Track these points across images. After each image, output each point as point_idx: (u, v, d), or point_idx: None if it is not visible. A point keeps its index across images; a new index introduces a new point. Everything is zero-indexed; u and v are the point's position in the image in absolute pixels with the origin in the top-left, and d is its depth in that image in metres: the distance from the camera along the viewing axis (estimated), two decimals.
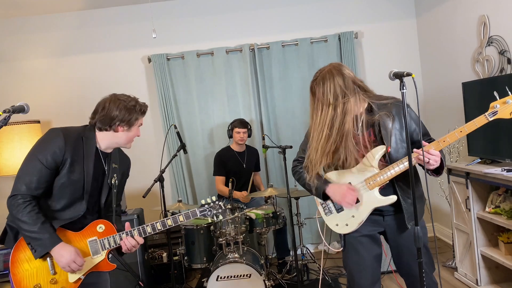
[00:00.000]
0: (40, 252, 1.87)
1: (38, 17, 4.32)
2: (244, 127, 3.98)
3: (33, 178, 1.88)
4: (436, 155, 1.89)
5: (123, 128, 2.08)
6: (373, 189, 2.00)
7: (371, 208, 2.03)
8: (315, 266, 3.80)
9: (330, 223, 2.17)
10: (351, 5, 4.48)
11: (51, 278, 1.93)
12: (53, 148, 1.91)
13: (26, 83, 4.34)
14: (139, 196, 3.31)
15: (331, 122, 1.92)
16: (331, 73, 1.93)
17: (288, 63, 4.39)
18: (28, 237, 1.87)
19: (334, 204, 2.13)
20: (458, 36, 3.76)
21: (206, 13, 4.42)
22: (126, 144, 2.15)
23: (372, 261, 2.10)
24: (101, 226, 2.02)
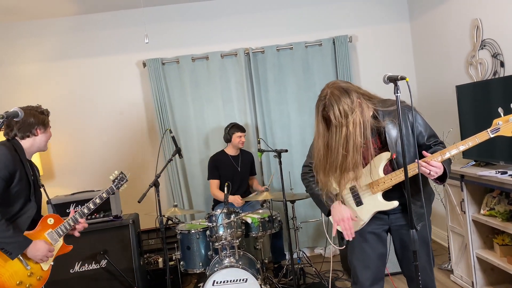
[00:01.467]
0: (16, 254, 2.11)
1: (32, 22, 4.31)
2: (244, 131, 4.01)
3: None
4: (437, 166, 1.91)
5: (41, 130, 2.36)
6: (376, 193, 2.04)
7: (373, 211, 2.08)
8: (312, 270, 3.79)
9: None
10: (345, 9, 4.50)
11: (28, 273, 2.19)
12: (6, 162, 2.14)
13: (20, 88, 4.32)
14: (134, 201, 3.29)
15: (346, 140, 1.93)
16: (335, 95, 1.94)
17: (283, 67, 4.40)
18: (3, 243, 2.07)
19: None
20: (452, 39, 3.79)
21: (201, 17, 4.43)
22: (45, 146, 2.41)
23: (376, 259, 2.14)
24: (50, 219, 2.35)
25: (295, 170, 4.44)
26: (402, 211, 2.09)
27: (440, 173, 1.93)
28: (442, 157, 1.94)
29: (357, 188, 2.09)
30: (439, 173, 1.93)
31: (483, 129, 1.94)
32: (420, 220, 2.04)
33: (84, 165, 4.39)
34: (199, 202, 4.42)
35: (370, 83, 4.45)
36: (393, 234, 2.18)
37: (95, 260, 3.51)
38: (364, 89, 2.06)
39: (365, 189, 2.07)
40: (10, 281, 2.12)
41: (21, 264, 2.17)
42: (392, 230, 2.17)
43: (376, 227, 2.14)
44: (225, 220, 3.20)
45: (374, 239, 2.14)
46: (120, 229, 3.56)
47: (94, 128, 4.39)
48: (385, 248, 2.18)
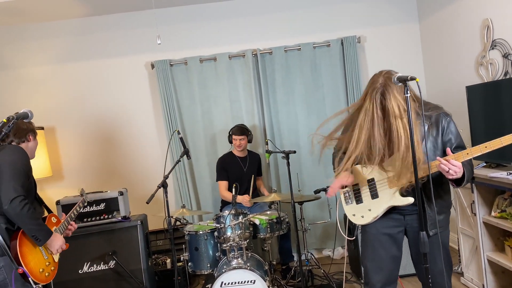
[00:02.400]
0: (44, 241, 2.30)
1: (41, 24, 4.35)
2: (241, 134, 3.94)
3: (23, 182, 2.25)
4: (457, 165, 1.88)
5: (32, 137, 2.54)
6: (393, 188, 2.04)
7: (387, 205, 2.07)
8: (320, 271, 3.78)
9: (349, 212, 2.24)
10: (353, 10, 4.48)
11: (46, 262, 2.40)
12: (27, 159, 2.39)
13: (30, 90, 4.36)
14: (142, 202, 3.30)
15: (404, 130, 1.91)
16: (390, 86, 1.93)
17: (291, 68, 4.39)
18: (34, 230, 2.24)
19: (355, 195, 2.19)
20: (462, 39, 3.75)
21: (209, 19, 4.44)
22: (34, 152, 2.59)
23: (389, 261, 2.12)
24: (53, 218, 2.57)
25: (303, 171, 4.43)
26: (418, 213, 2.05)
27: (459, 174, 1.90)
28: (463, 157, 1.91)
29: (376, 182, 2.10)
30: (458, 174, 1.89)
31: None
32: (434, 226, 2.01)
33: (92, 166, 4.42)
34: (207, 203, 4.43)
35: None
36: (409, 236, 2.15)
37: (103, 261, 3.53)
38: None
39: (383, 183, 2.07)
40: (35, 268, 2.30)
41: (41, 254, 2.36)
42: (408, 232, 2.14)
43: (391, 228, 2.12)
44: (233, 221, 3.20)
45: (388, 241, 2.12)
46: (128, 230, 3.58)
47: (102, 130, 4.41)
48: (399, 251, 2.15)
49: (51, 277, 2.42)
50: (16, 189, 2.16)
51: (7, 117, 1.89)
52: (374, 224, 2.16)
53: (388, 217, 2.10)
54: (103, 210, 3.60)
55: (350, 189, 2.23)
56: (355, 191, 2.21)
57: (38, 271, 2.31)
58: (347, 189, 2.24)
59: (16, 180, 2.20)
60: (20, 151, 2.36)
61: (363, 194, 2.17)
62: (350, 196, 2.24)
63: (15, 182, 2.18)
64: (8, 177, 2.19)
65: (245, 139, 3.97)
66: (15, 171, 2.22)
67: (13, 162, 2.25)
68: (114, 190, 3.65)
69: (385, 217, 2.12)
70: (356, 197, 2.20)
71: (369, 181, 2.13)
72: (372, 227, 2.16)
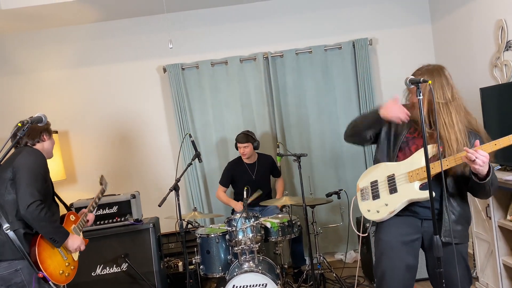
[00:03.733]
0: (62, 242, 2.33)
1: (55, 29, 4.41)
2: (244, 142, 3.91)
3: (39, 186, 2.26)
4: (484, 155, 1.84)
5: (47, 136, 2.52)
6: (414, 182, 2.01)
7: (406, 199, 2.04)
8: (332, 275, 3.75)
9: (363, 209, 2.22)
10: (365, 12, 4.46)
11: (66, 263, 2.43)
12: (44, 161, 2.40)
13: (44, 94, 4.43)
14: (154, 205, 3.32)
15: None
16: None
17: (302, 71, 4.38)
18: (51, 232, 2.28)
19: (372, 191, 2.17)
20: (475, 41, 3.71)
21: (220, 22, 4.46)
22: (51, 152, 2.58)
23: (403, 271, 2.05)
24: (72, 216, 2.60)
25: (314, 174, 4.41)
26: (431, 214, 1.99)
27: (485, 167, 1.86)
28: (491, 147, 1.88)
29: (395, 177, 2.08)
30: (484, 167, 1.85)
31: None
32: (449, 234, 1.96)
33: (105, 169, 4.46)
34: (218, 206, 4.43)
35: (390, 86, 4.40)
36: (426, 245, 2.08)
37: (116, 264, 3.55)
38: None
39: (403, 177, 2.05)
40: (55, 271, 2.35)
41: (60, 256, 2.39)
42: (425, 240, 2.08)
43: (407, 236, 2.06)
44: (245, 224, 3.20)
45: (403, 249, 2.05)
46: (140, 232, 3.60)
47: (115, 133, 4.46)
48: (415, 260, 2.08)
49: (71, 277, 2.47)
50: (33, 194, 2.18)
51: (22, 121, 1.92)
52: (389, 231, 2.10)
53: (405, 223, 2.04)
54: (115, 213, 3.63)
55: (368, 186, 2.21)
56: (372, 188, 2.19)
57: (58, 274, 2.35)
58: (365, 186, 2.23)
59: (33, 185, 2.21)
60: (37, 153, 2.37)
61: (380, 190, 2.15)
62: (367, 193, 2.22)
63: (32, 187, 2.20)
64: (25, 182, 2.21)
65: (249, 146, 3.93)
66: (31, 176, 2.24)
67: (30, 166, 2.26)
68: (126, 193, 3.68)
69: (402, 223, 2.06)
70: (373, 193, 2.18)
71: (389, 177, 2.11)
72: (387, 234, 2.10)
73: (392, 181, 2.09)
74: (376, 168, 2.20)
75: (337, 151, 4.42)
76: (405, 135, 2.14)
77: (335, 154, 4.42)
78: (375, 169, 2.21)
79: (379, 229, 2.20)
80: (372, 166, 2.24)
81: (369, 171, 2.26)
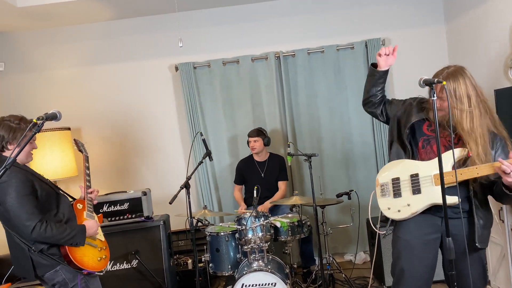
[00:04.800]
0: (82, 241, 2.33)
1: (69, 27, 4.46)
2: (255, 136, 3.97)
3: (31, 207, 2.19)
4: None
5: (13, 145, 2.32)
6: (439, 186, 1.94)
7: (429, 202, 2.00)
8: (341, 276, 3.74)
9: (383, 206, 2.15)
10: (378, 12, 4.43)
11: (98, 249, 2.48)
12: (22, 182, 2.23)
13: (57, 91, 4.48)
14: (165, 202, 3.34)
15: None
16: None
17: (314, 71, 4.37)
18: (68, 240, 2.26)
19: (393, 188, 2.12)
20: (490, 42, 3.66)
21: (232, 21, 4.47)
22: (24, 159, 2.39)
23: (423, 270, 2.04)
24: (79, 205, 2.54)
25: (324, 174, 4.40)
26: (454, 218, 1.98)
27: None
28: None
29: (420, 177, 2.03)
30: None
31: None
32: (481, 240, 1.96)
33: (117, 166, 4.50)
34: (228, 204, 4.45)
35: (403, 87, 4.37)
36: (444, 244, 2.05)
37: (126, 260, 3.58)
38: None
39: (428, 179, 2.00)
40: (94, 262, 2.41)
41: (90, 247, 2.43)
42: (444, 238, 2.04)
43: (427, 235, 2.04)
44: (254, 223, 3.20)
45: (423, 249, 2.03)
46: (151, 229, 3.62)
47: (127, 131, 4.49)
48: (434, 260, 2.06)
49: (108, 257, 2.55)
50: (29, 218, 2.16)
51: (37, 117, 1.94)
52: (407, 230, 2.08)
53: (425, 222, 2.02)
54: (126, 209, 3.66)
55: (389, 182, 2.14)
56: (394, 185, 2.12)
57: (97, 262, 2.42)
58: (386, 181, 2.16)
59: (25, 210, 2.17)
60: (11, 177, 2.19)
61: (402, 189, 2.08)
62: (387, 189, 2.15)
63: (25, 213, 2.16)
64: (15, 212, 2.17)
65: (259, 141, 3.97)
66: (19, 203, 2.17)
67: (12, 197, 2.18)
68: (137, 190, 3.71)
69: (422, 221, 2.04)
70: (394, 190, 2.11)
71: (412, 176, 2.06)
72: (407, 233, 2.08)
73: (416, 181, 2.04)
74: (398, 165, 2.13)
75: (348, 151, 4.40)
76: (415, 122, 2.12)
77: (346, 155, 4.40)
78: (397, 165, 2.14)
79: (398, 227, 2.17)
80: (394, 161, 2.16)
81: (390, 167, 2.18)
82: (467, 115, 1.94)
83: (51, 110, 2.07)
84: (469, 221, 1.95)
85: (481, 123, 1.94)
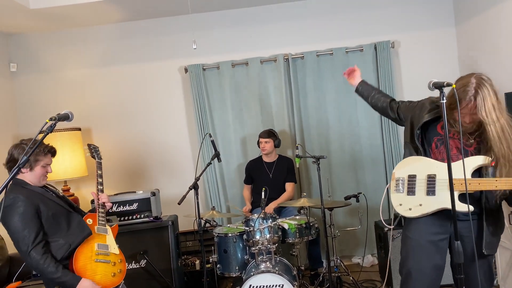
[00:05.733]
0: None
1: (80, 29, 4.51)
2: (266, 137, 4.00)
3: (29, 233, 2.22)
4: None
5: (26, 169, 2.38)
6: (455, 191, 1.93)
7: (442, 206, 2.00)
8: (349, 278, 3.73)
9: (395, 201, 2.14)
10: (387, 14, 4.42)
11: (112, 263, 2.43)
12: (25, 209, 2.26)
13: (69, 92, 4.53)
14: (174, 203, 3.37)
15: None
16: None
17: (323, 73, 4.37)
18: (56, 282, 2.25)
19: (408, 185, 2.11)
20: (501, 44, 3.64)
21: (242, 24, 4.49)
22: (37, 182, 2.44)
23: (431, 270, 2.04)
24: (89, 220, 2.50)
25: (333, 177, 4.39)
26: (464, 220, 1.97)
27: None
28: None
29: (437, 179, 2.01)
30: None
31: None
32: (489, 248, 1.95)
33: (126, 167, 4.54)
34: (236, 205, 4.46)
35: (412, 90, 4.35)
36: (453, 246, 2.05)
37: (135, 260, 3.61)
38: None
39: (444, 183, 1.97)
40: (108, 278, 2.39)
41: (101, 264, 2.40)
42: (452, 240, 2.02)
43: (435, 235, 2.04)
44: (262, 224, 3.21)
45: (431, 249, 2.03)
46: (159, 230, 3.64)
47: (136, 131, 4.53)
48: (442, 260, 2.06)
49: (124, 270, 2.51)
50: (27, 244, 2.20)
51: (50, 118, 1.97)
52: (417, 230, 2.08)
53: (434, 222, 2.01)
54: (135, 210, 3.69)
55: (406, 178, 2.12)
56: (409, 181, 2.10)
57: (110, 279, 2.39)
58: (402, 177, 2.14)
59: (24, 236, 2.21)
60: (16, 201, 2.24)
61: (417, 187, 2.07)
62: (402, 185, 2.13)
63: (23, 239, 2.21)
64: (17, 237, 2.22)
65: (270, 142, 3.99)
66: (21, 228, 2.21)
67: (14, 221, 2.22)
68: (146, 191, 3.74)
69: (431, 221, 2.04)
70: (409, 187, 2.09)
71: (429, 176, 2.04)
72: (416, 233, 2.08)
73: (433, 182, 2.02)
74: (417, 162, 2.10)
75: (357, 154, 4.39)
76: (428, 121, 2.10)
77: (354, 157, 4.39)
78: (416, 162, 2.11)
79: (407, 226, 2.17)
80: (413, 157, 2.14)
81: (409, 162, 2.15)
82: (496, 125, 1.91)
83: (63, 110, 2.10)
84: (478, 224, 1.94)
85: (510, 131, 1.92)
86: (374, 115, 4.31)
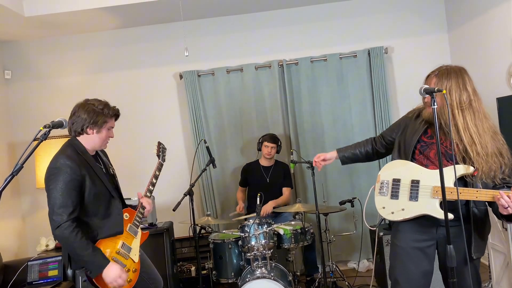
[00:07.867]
0: (95, 273, 2.13)
1: (75, 36, 4.52)
2: (273, 142, 4.02)
3: (68, 203, 2.10)
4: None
5: (92, 130, 2.30)
6: (435, 198, 1.98)
7: (422, 212, 2.01)
8: (344, 284, 3.73)
9: (378, 204, 2.16)
10: (381, 20, 4.47)
11: (126, 269, 2.27)
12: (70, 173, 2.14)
13: (63, 99, 4.52)
14: (169, 209, 3.36)
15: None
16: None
17: (317, 79, 4.40)
18: (83, 261, 2.11)
19: (392, 188, 2.12)
20: (493, 50, 3.68)
21: (236, 30, 4.51)
22: (100, 146, 2.39)
23: (419, 276, 2.05)
24: (126, 215, 2.36)
25: (328, 182, 4.41)
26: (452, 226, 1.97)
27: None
28: None
29: (420, 185, 2.03)
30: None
31: None
32: (477, 251, 1.97)
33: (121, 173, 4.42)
34: (231, 212, 4.45)
35: (406, 95, 4.38)
36: (440, 251, 2.07)
37: None
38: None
39: (428, 189, 2.00)
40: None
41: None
42: (439, 245, 2.08)
43: (421, 242, 2.05)
44: (257, 230, 3.21)
45: (418, 255, 2.04)
46: (154, 236, 3.63)
47: (131, 138, 4.52)
48: (430, 265, 2.07)
49: (133, 281, 2.31)
50: (60, 214, 2.08)
51: (44, 125, 1.97)
52: (404, 236, 2.10)
53: (419, 229, 2.03)
54: None
55: (390, 181, 2.13)
56: (394, 185, 2.11)
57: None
58: (387, 180, 2.15)
59: (60, 204, 2.08)
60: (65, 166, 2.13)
61: (401, 192, 2.08)
62: (386, 188, 2.14)
63: (59, 207, 2.08)
64: (52, 202, 2.09)
65: (275, 147, 4.04)
66: (60, 195, 2.09)
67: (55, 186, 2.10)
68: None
69: (416, 228, 2.05)
70: (393, 191, 2.11)
71: (413, 181, 2.05)
72: (402, 240, 2.10)
73: (416, 188, 2.04)
74: (403, 166, 2.11)
75: None
76: (420, 136, 2.11)
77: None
78: (401, 166, 2.13)
79: (394, 234, 2.19)
80: (400, 161, 2.16)
81: (394, 165, 2.17)
82: (461, 115, 1.95)
83: (58, 118, 2.10)
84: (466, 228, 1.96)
85: (476, 124, 1.95)
86: (369, 120, 4.34)
